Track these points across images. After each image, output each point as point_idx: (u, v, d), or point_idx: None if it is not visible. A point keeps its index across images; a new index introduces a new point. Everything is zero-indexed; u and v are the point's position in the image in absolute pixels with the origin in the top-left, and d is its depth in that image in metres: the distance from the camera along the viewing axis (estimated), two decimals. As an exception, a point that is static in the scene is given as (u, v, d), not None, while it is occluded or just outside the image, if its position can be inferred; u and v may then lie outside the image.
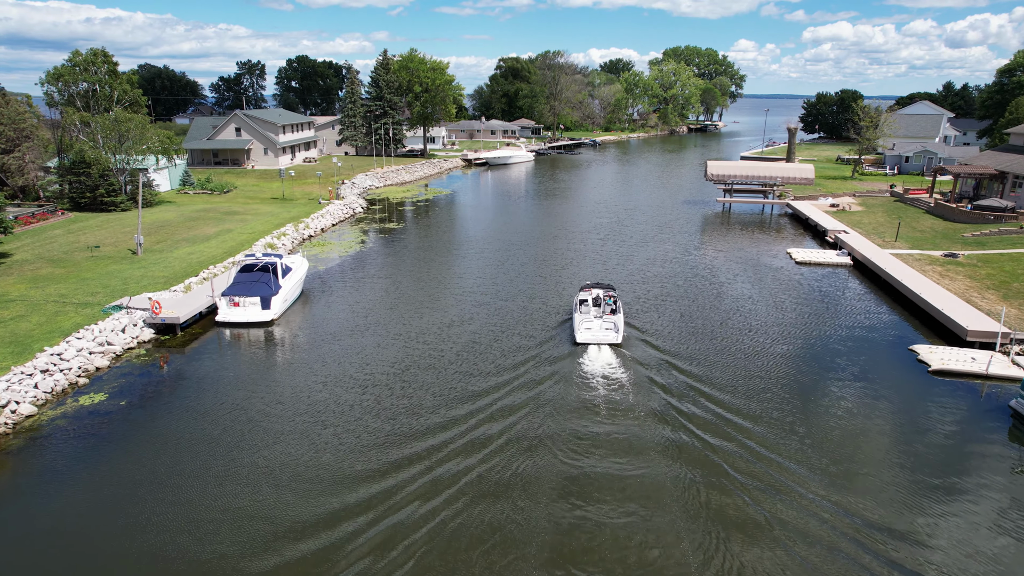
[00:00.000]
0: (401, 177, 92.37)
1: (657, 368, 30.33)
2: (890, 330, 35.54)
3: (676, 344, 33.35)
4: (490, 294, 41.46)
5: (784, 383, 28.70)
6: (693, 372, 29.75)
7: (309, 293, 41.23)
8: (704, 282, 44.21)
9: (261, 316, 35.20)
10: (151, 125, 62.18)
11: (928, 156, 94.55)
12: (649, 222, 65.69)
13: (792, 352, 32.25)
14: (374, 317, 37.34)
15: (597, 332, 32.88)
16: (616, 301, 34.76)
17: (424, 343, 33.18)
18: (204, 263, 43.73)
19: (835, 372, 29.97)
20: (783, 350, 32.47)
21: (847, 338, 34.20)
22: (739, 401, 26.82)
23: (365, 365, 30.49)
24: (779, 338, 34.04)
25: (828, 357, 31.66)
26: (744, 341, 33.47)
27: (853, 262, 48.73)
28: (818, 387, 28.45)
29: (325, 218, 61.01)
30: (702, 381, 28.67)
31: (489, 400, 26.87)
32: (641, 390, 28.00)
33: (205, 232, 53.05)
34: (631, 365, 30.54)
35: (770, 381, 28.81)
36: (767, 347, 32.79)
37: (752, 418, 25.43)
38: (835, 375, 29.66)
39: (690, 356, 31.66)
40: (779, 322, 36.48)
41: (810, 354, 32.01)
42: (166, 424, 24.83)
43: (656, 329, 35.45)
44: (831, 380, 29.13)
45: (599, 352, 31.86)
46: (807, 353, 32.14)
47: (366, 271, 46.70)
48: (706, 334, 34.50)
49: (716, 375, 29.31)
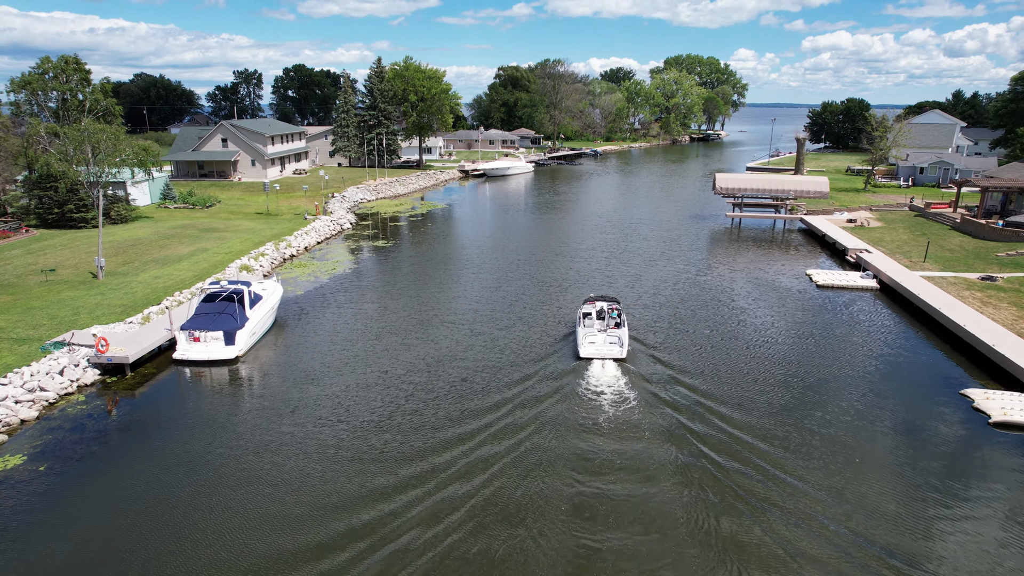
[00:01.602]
0: (394, 190, 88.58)
1: (664, 384, 29.03)
2: (934, 369, 31.52)
3: (684, 361, 32.00)
4: (487, 321, 37.55)
5: (817, 425, 24.74)
6: (715, 404, 26.25)
7: (284, 322, 37.29)
8: (722, 308, 40.24)
9: (224, 353, 31.23)
10: (126, 136, 58.35)
11: (944, 167, 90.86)
12: (655, 238, 61.83)
13: (823, 387, 28.26)
14: (356, 350, 33.42)
15: (601, 346, 31.89)
16: (620, 314, 33.73)
17: (411, 383, 29.21)
18: (170, 288, 39.82)
19: (877, 420, 25.94)
20: (812, 385, 28.49)
21: (886, 378, 30.17)
22: (769, 447, 22.84)
23: (342, 411, 26.53)
24: (808, 372, 30.03)
25: (867, 400, 27.62)
26: (767, 375, 29.48)
27: (880, 285, 44.76)
28: (858, 435, 24.43)
29: (310, 235, 57.12)
30: (729, 419, 24.72)
31: (489, 420, 25.63)
32: (647, 407, 26.82)
33: (178, 252, 49.16)
34: (637, 381, 29.31)
35: (801, 423, 24.85)
36: (794, 381, 28.81)
37: (783, 467, 21.44)
38: (877, 423, 25.63)
39: (709, 387, 28.03)
40: (806, 353, 32.49)
41: (845, 392, 27.99)
42: (97, 491, 20.81)
43: (660, 343, 34.23)
44: (874, 429, 25.11)
45: (603, 367, 30.64)
46: (840, 390, 28.14)
47: (350, 295, 42.77)
48: (727, 365, 30.60)
49: (742, 409, 25.37)
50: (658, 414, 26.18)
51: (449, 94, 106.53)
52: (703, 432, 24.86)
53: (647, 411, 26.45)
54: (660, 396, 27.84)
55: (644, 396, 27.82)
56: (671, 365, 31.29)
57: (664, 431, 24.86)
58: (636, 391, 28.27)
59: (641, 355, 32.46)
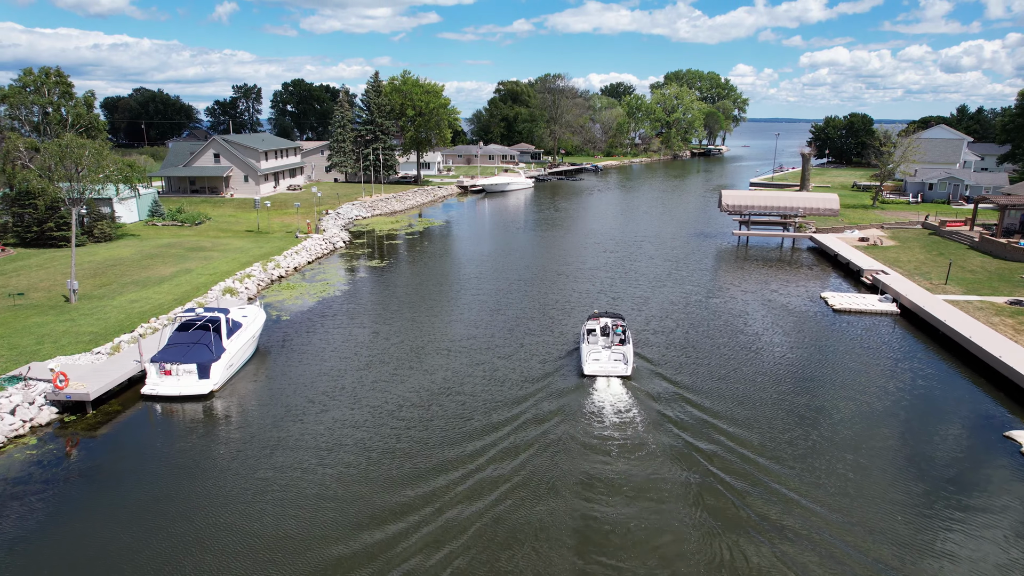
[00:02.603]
0: (391, 206, 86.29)
1: (670, 403, 28.22)
2: (971, 406, 28.93)
3: (691, 380, 31.25)
4: (486, 348, 35.05)
5: (851, 470, 22.16)
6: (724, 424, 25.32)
7: (267, 350, 34.77)
8: (737, 333, 37.70)
9: (197, 387, 28.65)
10: (111, 152, 56.07)
11: (954, 183, 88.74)
12: (660, 256, 59.45)
13: (852, 424, 25.74)
14: (344, 382, 30.90)
15: (605, 363, 31.25)
16: (625, 331, 33.06)
17: (403, 419, 26.66)
18: (147, 314, 37.32)
19: (916, 464, 23.36)
20: (841, 421, 25.93)
21: (921, 416, 27.59)
22: (800, 496, 20.26)
23: (326, 454, 23.99)
24: (833, 406, 27.48)
25: (902, 440, 25.05)
26: (786, 408, 26.94)
27: (900, 310, 42.28)
28: (896, 479, 21.86)
29: (300, 255, 54.68)
30: (740, 440, 22.18)
31: (489, 443, 24.78)
32: (654, 427, 26.03)
33: (160, 273, 46.71)
34: (642, 399, 28.55)
35: (832, 466, 22.30)
36: (819, 417, 26.26)
37: (810, 513, 18.86)
38: (917, 468, 23.08)
39: (718, 407, 26.51)
40: (829, 385, 29.93)
41: (877, 430, 25.42)
42: (35, 559, 18.19)
43: (666, 361, 33.44)
44: (914, 475, 22.54)
45: (607, 385, 29.93)
46: (872, 428, 25.59)
47: (339, 320, 40.26)
48: (740, 391, 28.26)
49: (756, 438, 22.81)
50: (665, 434, 25.51)
51: (448, 109, 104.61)
52: (710, 451, 24.16)
53: (653, 431, 25.76)
54: (667, 415, 27.12)
55: (650, 415, 27.12)
56: (677, 383, 30.50)
57: (671, 451, 24.19)
58: (642, 410, 27.61)
59: (646, 373, 31.64)
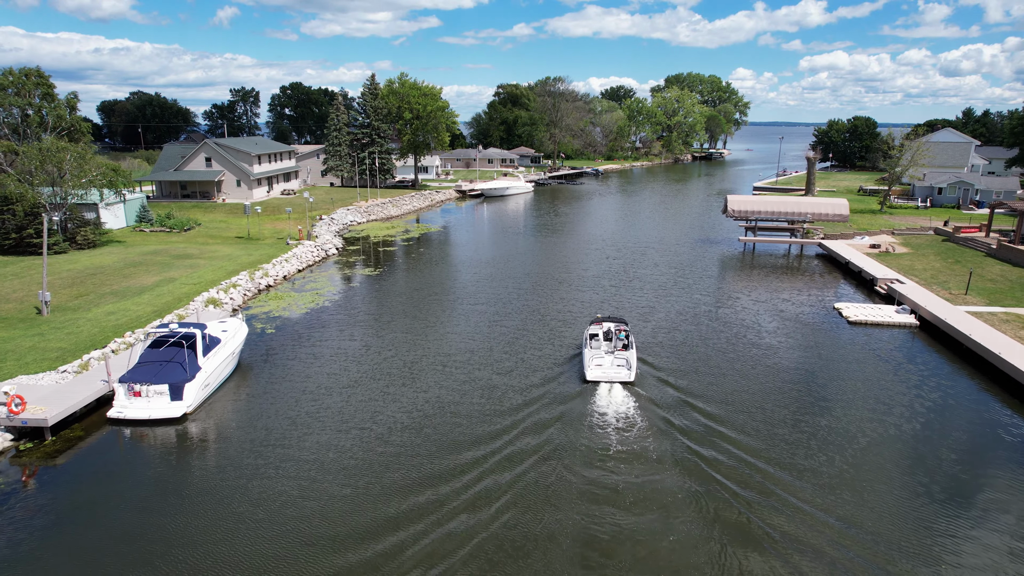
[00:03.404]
0: (387, 211, 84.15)
1: (674, 409, 27.71)
2: (1009, 431, 26.71)
3: (695, 385, 30.89)
4: (484, 364, 32.93)
5: (884, 506, 19.97)
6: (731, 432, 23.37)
7: (248, 367, 32.61)
8: (749, 346, 35.52)
9: (169, 410, 26.46)
10: (94, 155, 54.08)
11: (964, 187, 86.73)
12: (665, 264, 57.33)
13: (881, 450, 23.57)
14: (330, 402, 28.77)
15: (608, 369, 30.73)
16: (628, 336, 32.64)
17: (394, 445, 24.50)
18: (123, 327, 35.16)
19: (959, 501, 21.18)
20: (867, 448, 23.79)
21: (956, 444, 25.37)
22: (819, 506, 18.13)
23: (308, 484, 21.89)
24: (858, 429, 25.31)
25: (941, 471, 22.87)
26: (809, 430, 24.77)
27: (919, 322, 40.12)
28: (936, 519, 19.67)
29: (290, 262, 52.53)
30: (748, 448, 20.01)
31: (490, 449, 24.26)
32: (658, 433, 25.50)
33: (142, 282, 44.56)
34: (646, 405, 28.06)
35: (862, 498, 20.12)
36: (845, 443, 24.10)
37: (824, 525, 16.76)
38: (941, 488, 20.93)
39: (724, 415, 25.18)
40: (849, 405, 27.74)
41: (916, 463, 23.24)
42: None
43: (670, 366, 32.90)
44: (935, 494, 20.40)
45: (610, 391, 29.41)
46: (892, 446, 23.43)
47: (329, 332, 38.11)
48: (748, 405, 25.93)
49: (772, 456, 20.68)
50: (670, 441, 24.96)
51: (446, 111, 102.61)
52: (717, 460, 23.56)
53: (658, 438, 25.21)
54: (672, 422, 26.58)
55: (654, 422, 26.56)
56: (682, 389, 29.89)
57: (677, 460, 23.60)
58: (646, 416, 27.06)
59: (650, 379, 31.08)
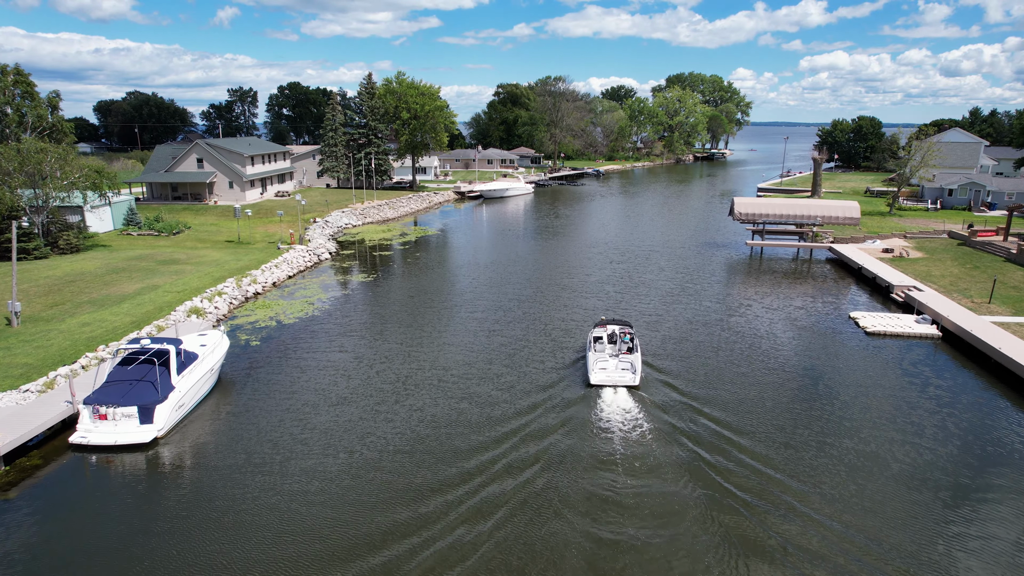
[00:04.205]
0: (383, 213, 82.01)
1: (680, 414, 27.14)
2: (1049, 455, 24.66)
3: (701, 390, 30.40)
4: (482, 378, 30.90)
5: (889, 490, 17.93)
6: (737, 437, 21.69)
7: (230, 383, 30.51)
8: (764, 358, 33.41)
9: (138, 434, 24.33)
10: (77, 157, 52.03)
11: (975, 189, 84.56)
12: (671, 268, 55.23)
13: (913, 476, 21.41)
14: (316, 421, 26.73)
15: (613, 373, 30.23)
16: (633, 339, 32.21)
17: (384, 471, 22.43)
18: (97, 340, 33.04)
19: (976, 509, 19.09)
20: (900, 475, 21.66)
21: (994, 469, 23.29)
22: None
23: (289, 519, 19.76)
24: (888, 452, 23.22)
25: (969, 484, 20.78)
26: (837, 454, 22.68)
27: (942, 333, 37.98)
28: (945, 518, 17.61)
29: (280, 268, 50.40)
30: (756, 455, 17.91)
31: (494, 456, 23.66)
32: (664, 439, 24.95)
33: (123, 290, 42.46)
34: (651, 410, 27.48)
35: (873, 493, 18.06)
36: (875, 467, 21.99)
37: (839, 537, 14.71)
38: (976, 513, 18.80)
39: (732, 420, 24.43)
40: (874, 426, 25.65)
41: (939, 482, 21.15)
42: None
43: (675, 370, 32.42)
44: (968, 517, 18.28)
45: (615, 395, 28.94)
46: (931, 476, 21.30)
47: (318, 343, 35.99)
48: (763, 416, 23.86)
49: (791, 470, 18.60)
50: (677, 447, 24.41)
51: (444, 111, 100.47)
52: (723, 466, 23.01)
53: (664, 444, 24.66)
54: (678, 427, 25.99)
55: (659, 427, 26.03)
56: (687, 393, 29.29)
57: (684, 466, 23.08)
58: (651, 421, 26.56)
59: (655, 383, 30.49)
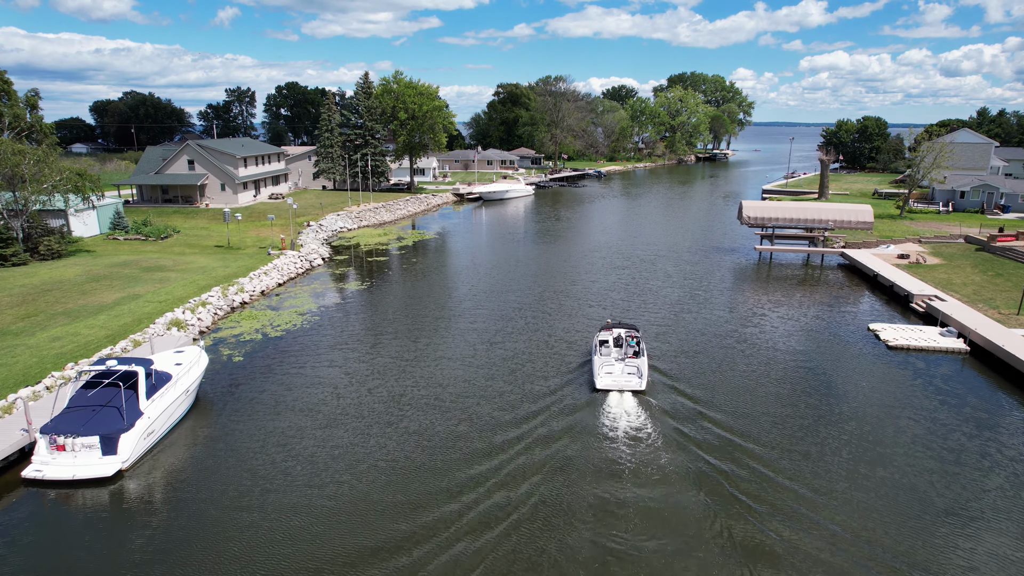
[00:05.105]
0: (380, 217, 79.76)
1: (687, 419, 26.73)
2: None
3: (709, 395, 29.98)
4: (482, 395, 28.67)
5: None
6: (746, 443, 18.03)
7: (209, 403, 28.28)
8: (784, 372, 31.16)
9: (100, 467, 22.08)
10: (58, 158, 49.81)
11: (988, 191, 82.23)
12: (678, 275, 52.99)
13: (950, 505, 19.19)
14: (300, 447, 24.59)
15: (619, 377, 29.83)
16: (640, 343, 31.77)
17: (376, 503, 20.13)
18: (66, 357, 30.79)
19: None
20: (943, 507, 19.41)
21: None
22: None
23: (268, 567, 17.55)
24: (926, 481, 20.97)
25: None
26: (872, 487, 20.45)
27: (970, 347, 35.72)
28: None
29: (270, 275, 48.14)
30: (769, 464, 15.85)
31: (498, 463, 23.23)
32: (671, 445, 24.57)
33: (101, 300, 40.23)
34: (658, 415, 27.06)
35: None
36: (919, 505, 19.78)
37: None
38: None
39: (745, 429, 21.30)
40: (908, 448, 23.43)
41: (995, 527, 18.92)
42: None
43: (681, 374, 32.09)
44: None
45: (621, 400, 28.50)
46: (985, 517, 19.06)
47: (304, 359, 33.75)
48: (775, 435, 21.60)
49: None
50: (685, 454, 24.00)
51: (442, 111, 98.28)
52: (735, 474, 22.56)
53: (672, 451, 24.25)
54: (685, 433, 25.58)
55: (666, 433, 25.65)
56: (694, 398, 28.81)
57: (692, 474, 22.65)
58: (657, 427, 26.12)
59: (661, 387, 30.02)
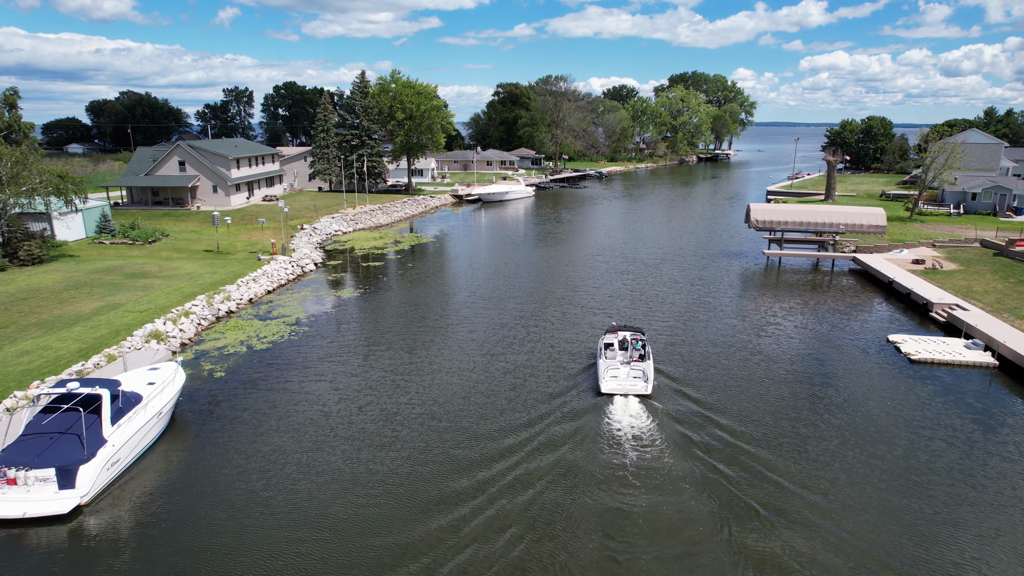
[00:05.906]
0: (376, 219, 77.66)
1: (693, 424, 26.27)
2: None
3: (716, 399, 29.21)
4: (481, 416, 26.46)
5: None
6: None
7: (185, 424, 26.20)
8: (802, 387, 29.07)
9: (56, 504, 19.94)
10: (38, 160, 47.72)
11: (1000, 192, 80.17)
12: (685, 280, 50.91)
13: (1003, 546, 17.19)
14: (283, 475, 22.58)
15: (624, 381, 29.41)
16: (645, 346, 31.53)
17: (368, 544, 18.02)
18: (33, 374, 28.71)
19: None
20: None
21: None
22: None
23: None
24: (974, 516, 18.91)
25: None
26: (912, 522, 18.42)
27: (999, 361, 33.62)
28: None
29: (259, 282, 46.03)
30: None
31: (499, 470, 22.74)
32: (678, 451, 24.07)
33: (79, 309, 38.16)
34: (664, 420, 26.58)
35: None
36: (971, 544, 17.81)
37: None
38: None
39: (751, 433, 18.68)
40: (945, 475, 21.37)
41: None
42: None
43: (690, 379, 31.78)
44: None
45: (626, 404, 27.94)
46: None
47: (291, 374, 31.65)
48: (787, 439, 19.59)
49: None
50: (690, 459, 23.53)
51: (441, 111, 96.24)
52: (743, 480, 22.07)
53: (678, 456, 23.76)
54: (691, 438, 25.12)
55: (673, 437, 25.19)
56: (701, 402, 28.30)
57: (699, 480, 22.16)
58: (664, 432, 25.66)
59: (668, 391, 29.55)
